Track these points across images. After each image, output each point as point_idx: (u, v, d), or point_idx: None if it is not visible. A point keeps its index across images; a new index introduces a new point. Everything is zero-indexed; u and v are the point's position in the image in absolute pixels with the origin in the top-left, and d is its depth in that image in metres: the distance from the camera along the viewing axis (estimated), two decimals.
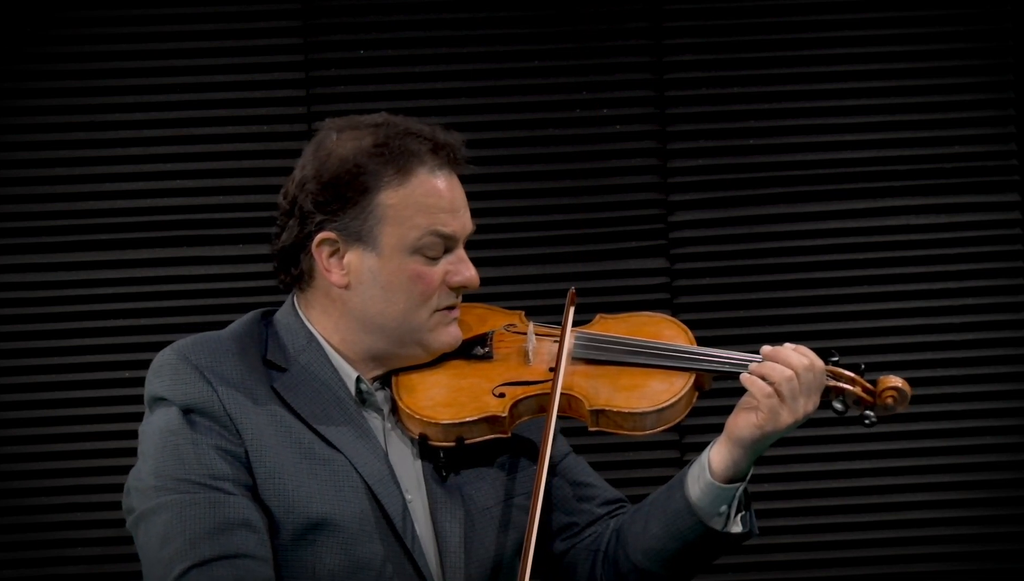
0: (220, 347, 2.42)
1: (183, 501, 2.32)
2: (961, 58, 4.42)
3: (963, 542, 4.38)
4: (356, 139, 2.43)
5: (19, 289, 4.34)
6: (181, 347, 2.42)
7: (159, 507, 2.33)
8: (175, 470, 2.34)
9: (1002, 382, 4.40)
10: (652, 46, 4.44)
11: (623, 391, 2.44)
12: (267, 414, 2.39)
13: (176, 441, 2.36)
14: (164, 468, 2.35)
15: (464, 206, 2.46)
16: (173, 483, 2.34)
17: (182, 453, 2.35)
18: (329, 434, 2.39)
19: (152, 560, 2.32)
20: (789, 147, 4.43)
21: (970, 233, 4.42)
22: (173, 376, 2.39)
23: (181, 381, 2.38)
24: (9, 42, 4.33)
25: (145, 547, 2.34)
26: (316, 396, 2.42)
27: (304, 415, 2.40)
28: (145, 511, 2.35)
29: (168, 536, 2.31)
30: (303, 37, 4.40)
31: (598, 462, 2.74)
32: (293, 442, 2.38)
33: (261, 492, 2.35)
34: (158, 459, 2.36)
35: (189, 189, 4.37)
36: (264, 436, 2.37)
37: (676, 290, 4.42)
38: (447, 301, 2.46)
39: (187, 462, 2.34)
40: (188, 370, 2.38)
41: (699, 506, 2.41)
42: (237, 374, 2.39)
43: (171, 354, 2.41)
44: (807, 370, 2.38)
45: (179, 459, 2.35)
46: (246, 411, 2.37)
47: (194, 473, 2.33)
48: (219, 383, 2.38)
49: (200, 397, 2.37)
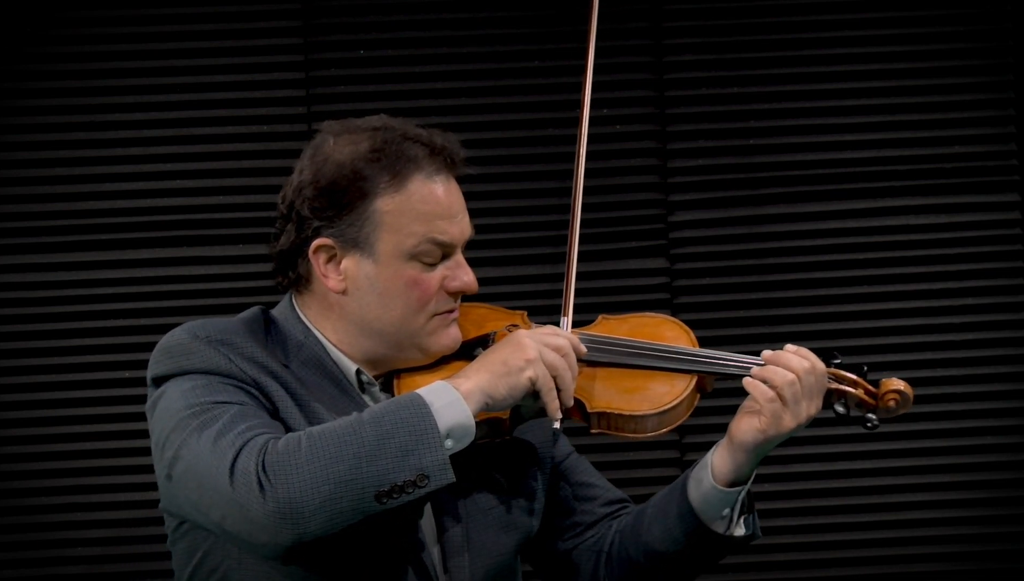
0: (230, 327, 2.38)
1: (229, 411, 2.25)
2: (961, 58, 4.42)
3: (963, 542, 4.38)
4: (353, 144, 2.42)
5: (19, 289, 4.34)
6: (190, 327, 2.37)
7: (204, 423, 2.25)
8: (209, 396, 2.28)
9: (1002, 382, 4.40)
10: (652, 46, 4.44)
11: (624, 393, 2.44)
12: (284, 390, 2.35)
13: (204, 382, 2.30)
14: (195, 398, 2.28)
15: (462, 211, 2.45)
16: (211, 405, 2.27)
17: (213, 388, 2.30)
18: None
19: (207, 459, 2.21)
20: (789, 147, 4.43)
21: (970, 233, 4.42)
22: (186, 354, 2.33)
23: (197, 357, 2.33)
24: (9, 42, 4.33)
25: (197, 456, 2.23)
26: (321, 384, 2.40)
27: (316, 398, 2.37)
28: (188, 432, 2.26)
29: (220, 433, 2.22)
30: (303, 37, 4.40)
31: (599, 462, 2.74)
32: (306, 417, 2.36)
33: None
34: (186, 397, 2.29)
35: (189, 189, 4.37)
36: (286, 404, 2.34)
37: (676, 290, 4.42)
38: (445, 306, 2.45)
39: (221, 391, 2.29)
40: (202, 346, 2.33)
41: (701, 509, 2.41)
42: (251, 350, 2.35)
43: (181, 333, 2.36)
44: (809, 373, 2.37)
45: (211, 390, 2.29)
46: (265, 381, 2.34)
47: (232, 398, 2.28)
48: (235, 355, 2.33)
49: (220, 366, 2.32)
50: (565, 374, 2.33)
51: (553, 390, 2.32)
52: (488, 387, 2.29)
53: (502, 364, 2.31)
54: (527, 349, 2.31)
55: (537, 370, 2.31)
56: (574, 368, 2.36)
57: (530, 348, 2.31)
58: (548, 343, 2.34)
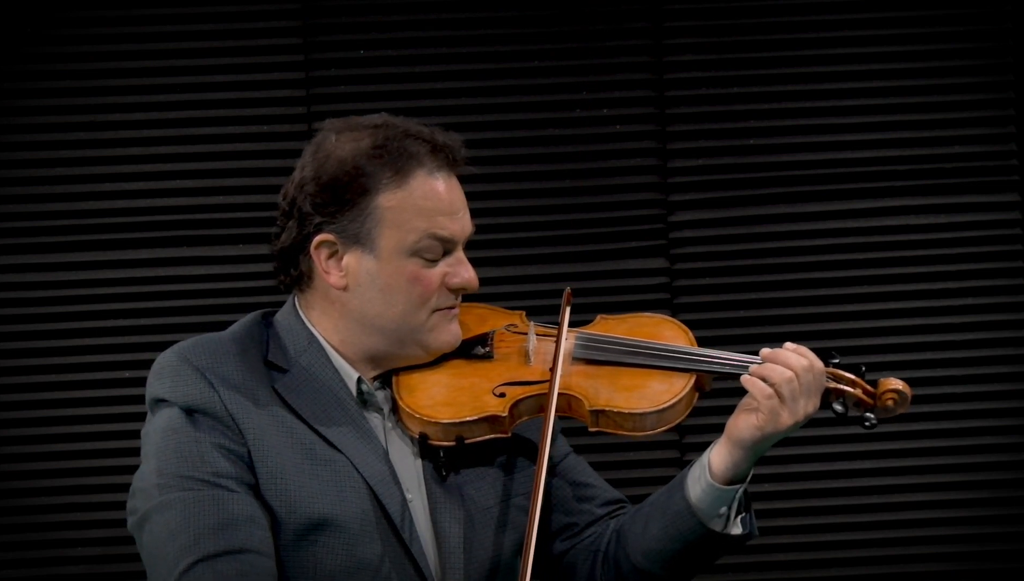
0: (221, 348, 2.42)
1: (187, 499, 2.32)
2: (961, 58, 4.42)
3: (963, 542, 4.38)
4: (355, 141, 2.43)
5: (19, 289, 4.34)
6: (181, 349, 2.42)
7: (163, 505, 2.33)
8: (178, 468, 2.34)
9: (1002, 382, 4.40)
10: (652, 46, 4.44)
11: (623, 391, 2.45)
12: (269, 415, 2.39)
13: (178, 439, 2.36)
14: (167, 466, 2.35)
15: (463, 208, 2.46)
16: (176, 480, 2.33)
17: (184, 451, 2.35)
18: (330, 435, 2.39)
19: (157, 557, 2.32)
20: (789, 147, 4.43)
21: (970, 233, 4.42)
22: (174, 378, 2.39)
23: (182, 382, 2.38)
24: (9, 42, 4.33)
25: (149, 545, 2.34)
26: (317, 397, 2.42)
27: (305, 416, 2.40)
28: (149, 510, 2.35)
29: (173, 533, 2.30)
30: (303, 37, 4.41)
31: (598, 462, 2.74)
32: (295, 443, 2.38)
33: (263, 492, 2.35)
34: (160, 458, 2.36)
35: (189, 189, 4.37)
36: (266, 436, 2.37)
37: (676, 290, 4.42)
38: (446, 302, 2.46)
39: (190, 460, 2.34)
40: (189, 371, 2.38)
41: (699, 507, 2.41)
42: (238, 375, 2.40)
43: (172, 356, 2.41)
44: (807, 371, 2.38)
45: (181, 457, 2.35)
46: (248, 412, 2.37)
47: (197, 471, 2.33)
48: (220, 384, 2.38)
49: (202, 398, 2.37)
50: None
51: None
52: None
53: None
54: None
55: None
56: None
57: None
58: None
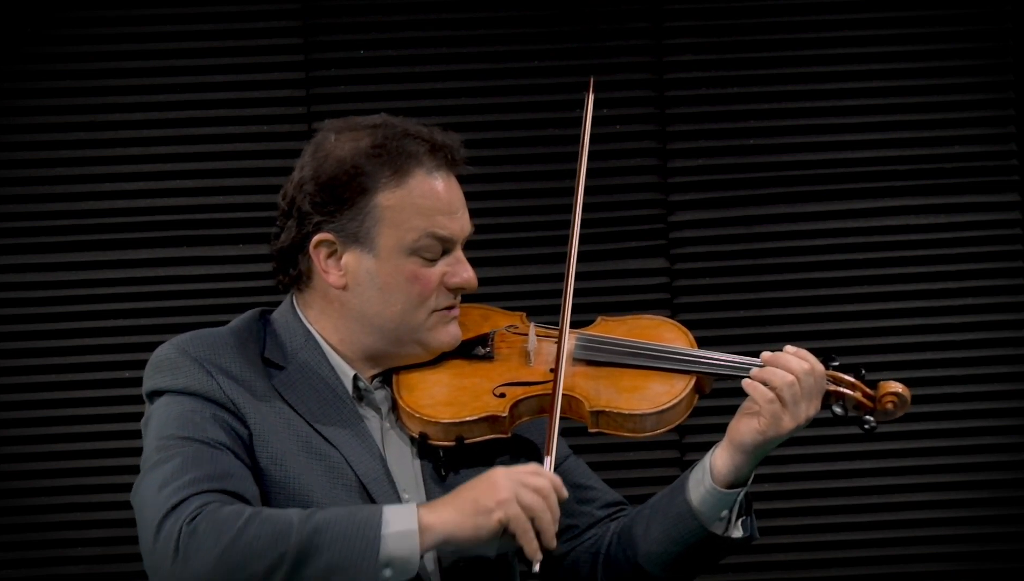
0: (219, 341, 2.42)
1: (185, 452, 2.29)
2: (961, 58, 4.42)
3: (963, 542, 4.38)
4: (354, 140, 2.44)
5: (19, 289, 4.34)
6: (179, 342, 2.42)
7: (160, 460, 2.29)
8: (178, 431, 2.32)
9: (1002, 382, 4.40)
10: (652, 46, 4.44)
11: (624, 392, 2.45)
12: (268, 406, 2.39)
13: (181, 410, 2.35)
14: (166, 430, 2.33)
15: (462, 207, 2.47)
16: (175, 441, 2.31)
17: (185, 419, 2.33)
18: (326, 431, 2.39)
19: (147, 502, 2.26)
20: (789, 147, 4.43)
21: (970, 233, 4.41)
22: (173, 370, 2.39)
23: (182, 373, 2.38)
24: (9, 42, 4.33)
25: (144, 493, 2.28)
26: (314, 394, 2.42)
27: (302, 412, 2.40)
28: (146, 469, 2.31)
29: (167, 479, 2.27)
30: (303, 37, 4.40)
31: (598, 462, 2.75)
32: (293, 434, 2.38)
33: (265, 477, 2.34)
34: (160, 427, 2.34)
35: (189, 189, 4.37)
36: (267, 423, 2.37)
37: (676, 290, 4.42)
38: (445, 302, 2.46)
39: (190, 425, 2.32)
40: (187, 362, 2.38)
41: (700, 510, 2.42)
42: (236, 367, 2.39)
43: (169, 348, 2.41)
44: (808, 374, 2.38)
45: (182, 423, 2.33)
46: (247, 400, 2.37)
47: (197, 434, 2.31)
48: (219, 374, 2.38)
49: (201, 385, 2.37)
50: (544, 516, 2.22)
51: (530, 532, 2.22)
52: (452, 526, 2.21)
53: (472, 503, 2.22)
54: (500, 489, 2.22)
55: (510, 512, 2.21)
56: (555, 510, 2.24)
57: (504, 488, 2.22)
58: (526, 483, 2.23)
